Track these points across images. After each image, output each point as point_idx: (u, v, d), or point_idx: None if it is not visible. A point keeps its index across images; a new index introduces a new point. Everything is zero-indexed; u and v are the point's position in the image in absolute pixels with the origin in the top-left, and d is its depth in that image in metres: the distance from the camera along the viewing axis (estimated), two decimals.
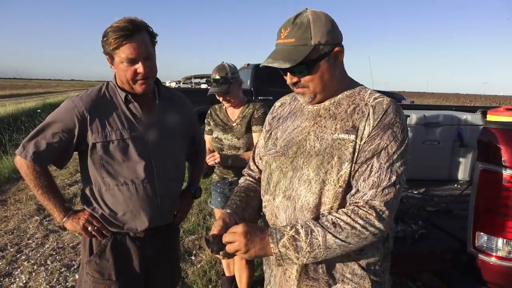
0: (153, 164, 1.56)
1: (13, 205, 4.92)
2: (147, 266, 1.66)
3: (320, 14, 1.13)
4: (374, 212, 1.06)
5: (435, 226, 1.99)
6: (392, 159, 1.09)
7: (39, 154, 1.46)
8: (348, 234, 1.05)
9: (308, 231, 1.07)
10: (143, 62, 1.44)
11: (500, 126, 1.66)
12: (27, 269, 3.30)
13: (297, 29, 1.10)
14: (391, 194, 1.07)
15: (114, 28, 1.40)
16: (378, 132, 1.10)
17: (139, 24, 1.44)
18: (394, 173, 1.08)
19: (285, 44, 1.13)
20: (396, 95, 10.19)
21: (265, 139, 1.38)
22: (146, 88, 1.50)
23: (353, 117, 1.15)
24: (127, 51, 1.41)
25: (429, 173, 2.90)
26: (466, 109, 3.23)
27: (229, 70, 2.38)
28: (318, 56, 1.11)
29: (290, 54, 1.10)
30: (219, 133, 2.51)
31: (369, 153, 1.09)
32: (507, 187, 1.56)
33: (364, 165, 1.10)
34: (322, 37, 1.10)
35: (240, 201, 1.33)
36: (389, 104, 1.14)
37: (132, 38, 1.41)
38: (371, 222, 1.06)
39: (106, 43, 1.42)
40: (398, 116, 1.13)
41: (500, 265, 1.59)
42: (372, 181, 1.08)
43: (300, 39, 1.10)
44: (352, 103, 1.18)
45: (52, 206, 1.54)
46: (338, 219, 1.07)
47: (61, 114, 1.48)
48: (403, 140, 1.11)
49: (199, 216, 4.48)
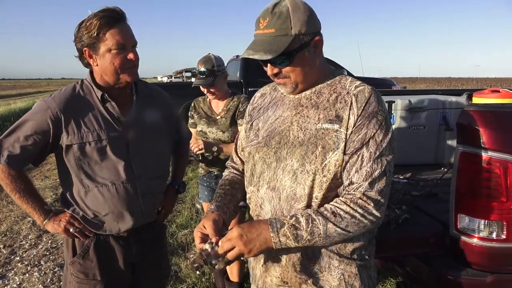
0: (133, 163, 1.53)
1: (6, 207, 4.90)
2: (132, 264, 1.65)
3: (298, 2, 1.12)
4: (372, 201, 1.08)
5: (420, 210, 2.01)
6: (381, 147, 1.11)
7: (13, 157, 1.42)
8: (348, 223, 1.07)
9: (309, 219, 1.07)
10: (133, 49, 1.42)
11: (479, 108, 1.67)
12: (21, 270, 3.30)
13: (276, 19, 1.09)
14: (383, 182, 1.10)
15: (99, 15, 1.37)
16: (363, 121, 1.11)
17: (123, 12, 1.42)
18: (385, 161, 1.11)
19: (264, 34, 1.11)
20: (387, 81, 10.21)
21: (246, 131, 1.38)
22: (134, 77, 1.48)
23: (336, 106, 1.15)
24: (118, 36, 1.37)
25: (415, 158, 2.92)
26: (452, 93, 3.24)
27: (215, 62, 2.35)
28: (299, 46, 1.10)
29: (270, 45, 1.08)
30: (203, 126, 2.50)
31: (357, 143, 1.11)
32: (486, 168, 1.58)
33: (355, 155, 1.10)
34: (302, 27, 1.09)
35: (225, 194, 1.34)
36: (370, 93, 1.15)
37: (121, 23, 1.39)
38: (369, 211, 1.08)
39: (88, 30, 1.37)
40: (380, 104, 1.15)
41: (482, 245, 1.62)
42: (365, 171, 1.09)
43: (280, 29, 1.08)
44: (334, 91, 1.19)
45: (31, 209, 1.50)
46: (337, 208, 1.08)
47: (34, 115, 1.44)
48: (388, 128, 1.13)
49: (191, 210, 4.49)
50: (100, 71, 1.46)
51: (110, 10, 1.38)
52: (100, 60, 1.43)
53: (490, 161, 1.57)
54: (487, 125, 1.58)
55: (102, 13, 1.37)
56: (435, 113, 2.91)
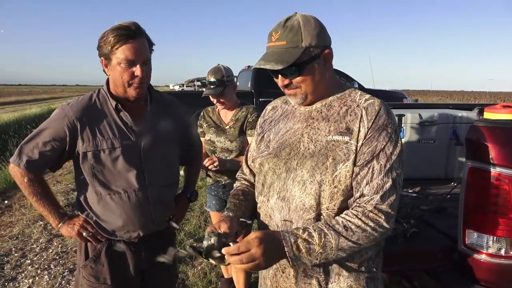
0: (145, 172, 1.57)
1: (18, 210, 4.99)
2: (142, 270, 1.68)
3: (309, 17, 1.16)
4: (383, 214, 1.10)
5: (428, 224, 2.00)
6: (391, 160, 1.12)
7: (32, 162, 1.49)
8: (360, 236, 1.09)
9: (322, 234, 1.08)
10: (141, 66, 1.46)
11: (488, 123, 1.67)
12: (31, 273, 3.35)
13: (288, 32, 1.13)
14: (394, 196, 1.12)
15: (115, 28, 1.43)
16: (373, 134, 1.13)
17: (141, 29, 1.47)
18: (395, 174, 1.12)
19: (276, 46, 1.15)
20: (398, 94, 10.16)
21: (257, 142, 1.40)
22: (140, 93, 1.52)
23: (346, 119, 1.18)
24: (127, 52, 1.42)
25: (425, 172, 2.90)
26: (463, 107, 3.23)
27: (224, 72, 2.40)
28: (309, 58, 1.14)
29: (281, 56, 1.12)
30: (212, 136, 2.53)
31: (368, 155, 1.12)
32: (495, 184, 1.57)
33: (365, 168, 1.12)
34: (312, 40, 1.13)
35: (240, 204, 1.35)
36: (380, 106, 1.17)
37: (134, 40, 1.43)
38: (380, 224, 1.10)
39: (105, 43, 1.43)
40: (390, 117, 1.17)
41: (491, 262, 1.60)
42: (376, 184, 1.11)
43: (291, 41, 1.13)
44: (344, 104, 1.21)
45: (47, 212, 1.56)
46: (349, 222, 1.09)
47: (52, 123, 1.50)
48: (397, 141, 1.15)
49: (200, 218, 4.51)
50: (112, 81, 1.54)
51: (125, 27, 1.43)
52: (111, 71, 1.49)
53: (499, 177, 1.56)
54: (496, 141, 1.58)
55: (117, 29, 1.43)
56: (446, 128, 2.90)
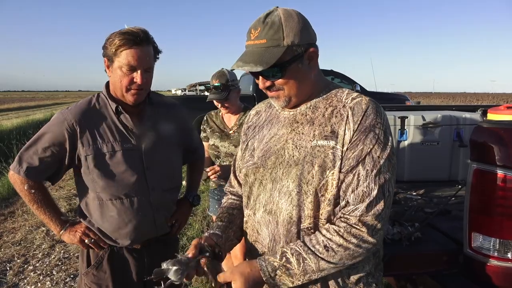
0: (146, 176, 1.55)
1: (21, 216, 4.98)
2: (144, 276, 1.66)
3: (292, 12, 1.06)
4: (367, 228, 1.02)
5: (433, 227, 1.97)
6: (378, 164, 1.03)
7: (32, 169, 1.47)
8: (342, 256, 1.02)
9: (300, 259, 1.02)
10: (142, 73, 1.44)
11: (493, 125, 1.65)
12: (33, 279, 3.34)
13: (268, 29, 1.03)
14: (381, 205, 1.03)
15: (124, 31, 1.41)
16: (359, 136, 1.04)
17: (149, 36, 1.46)
18: (382, 179, 1.03)
19: (255, 45, 1.05)
20: (400, 96, 10.14)
21: (242, 151, 1.32)
22: (137, 99, 1.50)
23: (331, 121, 1.09)
24: (130, 57, 1.40)
25: (429, 175, 2.87)
26: (466, 109, 3.20)
27: (229, 77, 2.38)
28: (292, 58, 1.05)
29: (261, 57, 1.03)
30: (216, 140, 2.51)
31: (353, 161, 1.04)
32: (501, 186, 1.55)
33: (350, 174, 1.04)
34: (295, 37, 1.04)
35: (222, 221, 1.28)
36: (368, 104, 1.07)
37: (139, 46, 1.41)
38: (364, 239, 1.02)
39: (110, 44, 1.41)
40: (379, 116, 1.07)
41: (497, 265, 1.57)
42: (361, 191, 1.02)
43: (272, 39, 1.03)
44: (329, 105, 1.12)
45: (48, 220, 1.55)
46: (329, 241, 1.02)
47: (51, 127, 1.48)
48: (386, 143, 1.05)
49: (202, 223, 4.50)
50: (111, 83, 1.52)
51: (133, 33, 1.42)
52: (112, 73, 1.48)
53: (505, 178, 1.54)
54: (501, 142, 1.55)
55: (125, 33, 1.41)
56: (449, 129, 2.88)
